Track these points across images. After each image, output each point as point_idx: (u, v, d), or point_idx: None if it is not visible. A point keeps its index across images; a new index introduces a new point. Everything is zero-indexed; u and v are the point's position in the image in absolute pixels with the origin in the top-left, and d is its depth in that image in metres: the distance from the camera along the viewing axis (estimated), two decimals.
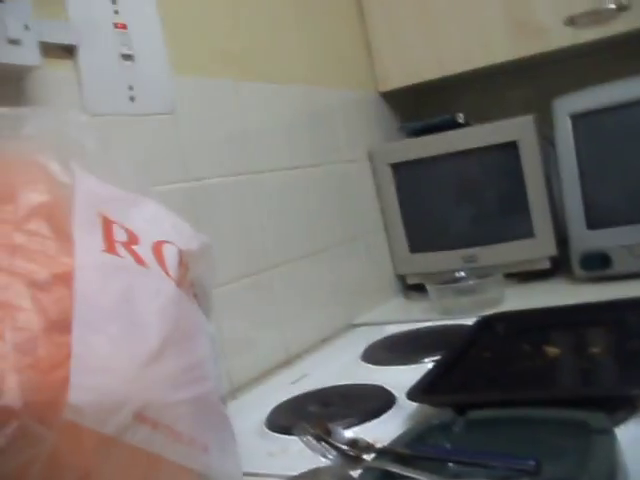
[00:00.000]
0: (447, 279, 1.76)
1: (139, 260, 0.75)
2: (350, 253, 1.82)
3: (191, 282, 0.87)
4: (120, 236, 0.76)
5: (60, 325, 0.64)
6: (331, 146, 1.80)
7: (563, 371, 1.14)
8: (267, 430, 1.14)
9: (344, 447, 0.83)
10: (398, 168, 1.94)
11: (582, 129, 1.68)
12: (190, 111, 1.37)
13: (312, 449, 0.84)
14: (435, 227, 1.96)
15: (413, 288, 1.97)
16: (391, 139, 2.05)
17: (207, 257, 0.92)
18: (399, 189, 1.95)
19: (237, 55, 1.52)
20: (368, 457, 0.83)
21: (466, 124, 1.89)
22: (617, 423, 0.88)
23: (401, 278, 2.02)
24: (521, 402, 0.91)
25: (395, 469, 0.78)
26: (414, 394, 1.04)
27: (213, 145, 1.41)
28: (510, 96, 2.09)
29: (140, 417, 0.67)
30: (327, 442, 0.84)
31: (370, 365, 1.41)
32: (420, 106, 2.18)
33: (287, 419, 1.14)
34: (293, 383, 1.36)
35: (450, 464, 0.82)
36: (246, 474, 0.93)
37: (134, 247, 0.76)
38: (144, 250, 0.77)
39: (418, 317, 1.69)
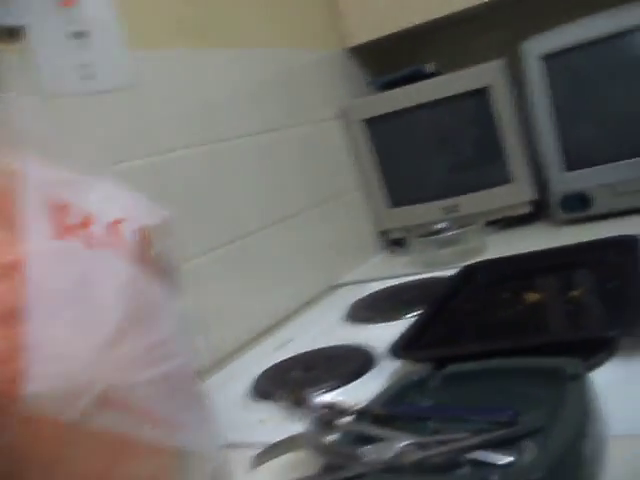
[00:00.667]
0: (429, 231, 1.75)
1: (93, 242, 0.74)
2: (328, 214, 1.80)
3: (155, 258, 0.86)
4: (73, 219, 0.75)
5: (11, 316, 0.63)
6: (299, 107, 1.78)
7: (543, 317, 1.13)
8: (251, 399, 1.13)
9: (320, 412, 0.82)
10: (371, 123, 1.92)
11: (554, 69, 1.66)
12: (151, 84, 1.33)
13: (288, 417, 0.84)
14: (413, 180, 1.94)
15: (396, 243, 1.96)
16: (362, 95, 2.01)
17: (170, 231, 0.90)
18: (373, 144, 1.93)
19: (194, 22, 1.48)
20: (345, 420, 0.82)
21: (436, 73, 1.87)
22: (594, 366, 0.88)
23: (383, 234, 2.01)
24: (497, 353, 0.90)
25: (371, 431, 0.77)
26: (393, 351, 1.03)
27: (177, 116, 1.38)
28: (482, 42, 2.05)
29: (104, 401, 0.66)
30: (303, 409, 0.83)
31: (353, 325, 1.41)
32: (390, 59, 2.14)
33: (270, 387, 1.14)
34: (277, 349, 1.36)
35: (428, 421, 0.81)
36: (229, 445, 0.93)
37: (88, 229, 0.75)
38: (99, 230, 0.75)
39: (401, 272, 1.68)
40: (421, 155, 1.92)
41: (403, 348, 1.04)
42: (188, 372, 0.81)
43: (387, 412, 0.80)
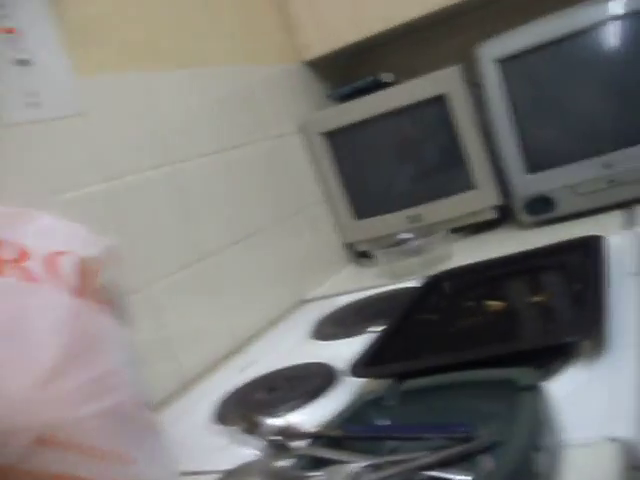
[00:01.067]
0: (394, 242, 1.74)
1: (29, 277, 0.72)
2: (294, 229, 1.79)
3: (99, 289, 0.84)
4: (8, 255, 0.73)
5: None
6: (260, 123, 1.76)
7: (505, 326, 1.11)
8: (213, 424, 1.12)
9: (274, 437, 0.81)
10: (331, 136, 1.91)
11: (510, 72, 1.66)
12: (102, 110, 1.32)
13: (242, 443, 0.82)
14: (376, 190, 1.93)
15: (363, 255, 1.94)
16: (322, 108, 2.00)
17: (116, 260, 0.88)
18: (335, 157, 1.92)
19: (145, 46, 1.46)
20: (301, 444, 0.81)
21: (395, 83, 1.86)
22: (552, 374, 0.87)
23: (350, 247, 2.00)
24: (455, 366, 0.88)
25: (325, 454, 0.76)
26: (352, 369, 1.02)
27: (130, 141, 1.36)
28: (439, 49, 2.05)
29: (43, 440, 0.64)
30: (257, 435, 0.81)
31: (318, 341, 1.39)
32: (349, 71, 2.13)
33: (231, 411, 1.12)
34: (243, 370, 1.34)
35: (385, 441, 0.80)
36: (187, 473, 0.91)
37: (23, 264, 0.73)
38: (35, 265, 0.74)
39: (368, 284, 1.66)
40: (383, 165, 1.90)
41: (363, 365, 1.02)
42: (137, 404, 0.79)
43: (342, 434, 0.78)
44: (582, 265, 1.20)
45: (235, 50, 1.76)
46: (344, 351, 1.19)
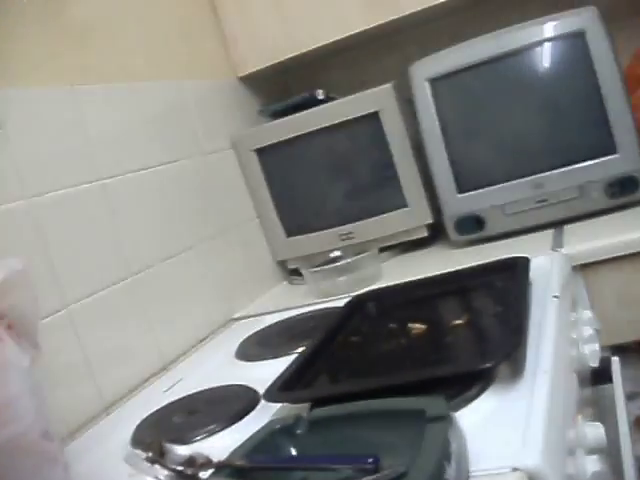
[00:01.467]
0: (325, 260, 1.73)
1: None
2: (225, 246, 1.77)
3: (2, 314, 0.81)
4: None
5: None
6: (188, 140, 1.74)
7: (423, 351, 1.11)
8: (130, 449, 1.09)
9: (178, 468, 0.79)
10: (263, 153, 1.89)
11: (441, 92, 1.67)
12: (23, 124, 1.28)
13: (146, 474, 0.80)
14: (308, 208, 1.92)
15: (295, 273, 1.93)
16: (255, 124, 1.98)
17: (23, 284, 0.86)
18: (267, 174, 1.90)
19: (71, 60, 1.43)
20: (206, 474, 0.79)
21: (328, 100, 1.85)
22: (463, 403, 0.86)
23: (281, 264, 1.98)
24: (369, 392, 0.87)
25: None
26: (267, 393, 1.00)
27: (53, 156, 1.32)
28: (373, 67, 2.07)
29: None
30: (161, 464, 0.79)
31: (242, 362, 1.37)
32: (283, 87, 2.13)
33: (150, 434, 1.09)
34: (166, 391, 1.32)
35: (293, 471, 0.78)
36: None
37: None
38: None
39: (297, 304, 1.65)
40: (315, 183, 1.90)
41: (277, 390, 1.01)
42: (36, 433, 0.77)
43: (247, 464, 0.77)
44: (506, 287, 1.21)
45: (169, 65, 1.74)
46: (268, 373, 1.16)
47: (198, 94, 1.83)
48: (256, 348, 1.41)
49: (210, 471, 0.79)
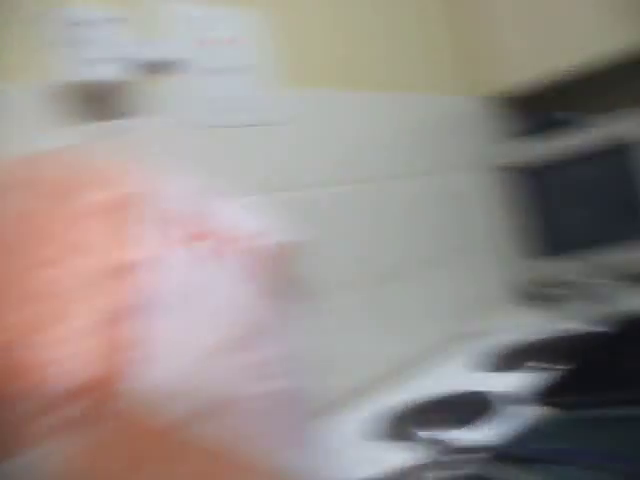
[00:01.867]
0: (579, 287, 1.67)
1: (216, 253, 0.72)
2: (465, 262, 1.77)
3: (284, 277, 0.83)
4: (201, 230, 0.74)
5: (121, 315, 0.61)
6: (437, 154, 1.77)
7: None
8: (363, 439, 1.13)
9: (455, 447, 0.78)
10: (516, 172, 1.87)
11: None
12: (305, 121, 1.39)
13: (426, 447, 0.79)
14: (560, 232, 1.87)
15: (538, 296, 1.87)
16: (500, 142, 1.95)
17: (304, 252, 0.88)
18: (516, 194, 1.87)
19: (344, 65, 1.53)
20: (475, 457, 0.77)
21: (580, 124, 1.79)
22: None
23: (518, 286, 1.94)
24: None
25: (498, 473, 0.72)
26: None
27: (322, 154, 1.42)
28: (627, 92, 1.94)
29: (201, 413, 0.63)
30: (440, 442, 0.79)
31: (475, 373, 1.39)
32: (531, 107, 2.06)
33: (389, 426, 1.15)
34: (397, 393, 1.34)
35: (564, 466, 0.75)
36: None
37: (213, 240, 0.73)
38: (222, 245, 0.74)
39: (538, 325, 1.59)
40: (565, 207, 1.85)
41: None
42: (299, 395, 0.78)
43: (524, 453, 0.74)
44: None
45: (417, 78, 1.77)
46: (502, 383, 1.20)
47: (447, 110, 1.85)
48: (490, 360, 1.41)
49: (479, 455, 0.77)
